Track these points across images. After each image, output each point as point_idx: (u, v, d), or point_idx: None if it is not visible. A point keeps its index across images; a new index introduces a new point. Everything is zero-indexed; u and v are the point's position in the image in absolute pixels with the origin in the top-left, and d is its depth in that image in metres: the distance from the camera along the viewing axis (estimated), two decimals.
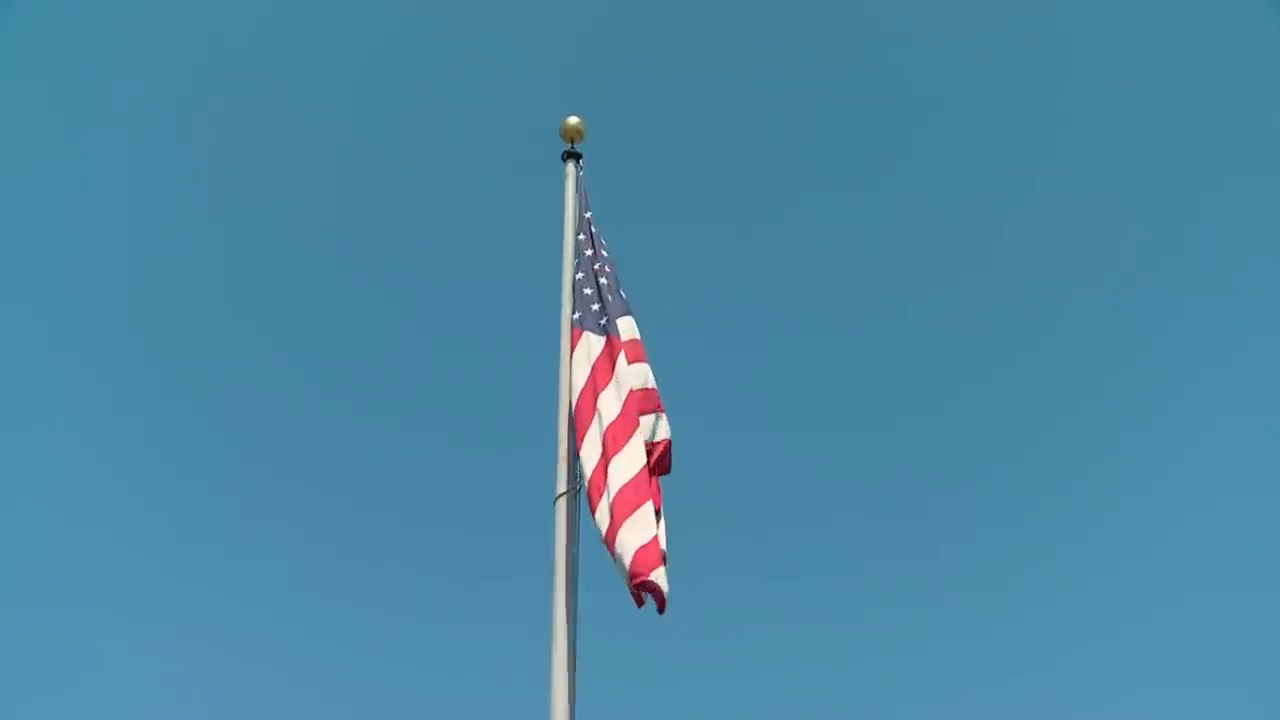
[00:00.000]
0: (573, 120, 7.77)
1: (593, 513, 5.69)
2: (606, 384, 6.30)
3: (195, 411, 18.62)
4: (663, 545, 5.46)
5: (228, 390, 19.04)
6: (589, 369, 6.38)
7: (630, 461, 5.81)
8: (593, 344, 6.53)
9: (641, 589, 5.28)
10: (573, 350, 6.53)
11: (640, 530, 5.44)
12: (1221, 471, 17.62)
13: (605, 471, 5.78)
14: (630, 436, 5.93)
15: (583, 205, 7.44)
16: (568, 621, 5.57)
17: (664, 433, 6.11)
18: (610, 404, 6.15)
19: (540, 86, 20.32)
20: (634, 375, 6.29)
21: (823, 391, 20.36)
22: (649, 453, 5.95)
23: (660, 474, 5.97)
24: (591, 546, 5.81)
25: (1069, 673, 16.19)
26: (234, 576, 17.25)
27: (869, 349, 20.58)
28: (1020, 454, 19.46)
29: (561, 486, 6.05)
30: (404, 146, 20.83)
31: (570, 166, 7.66)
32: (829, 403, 20.24)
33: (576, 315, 6.75)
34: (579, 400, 6.24)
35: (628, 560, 5.31)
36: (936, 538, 18.60)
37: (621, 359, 6.39)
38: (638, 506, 5.56)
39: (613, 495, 5.64)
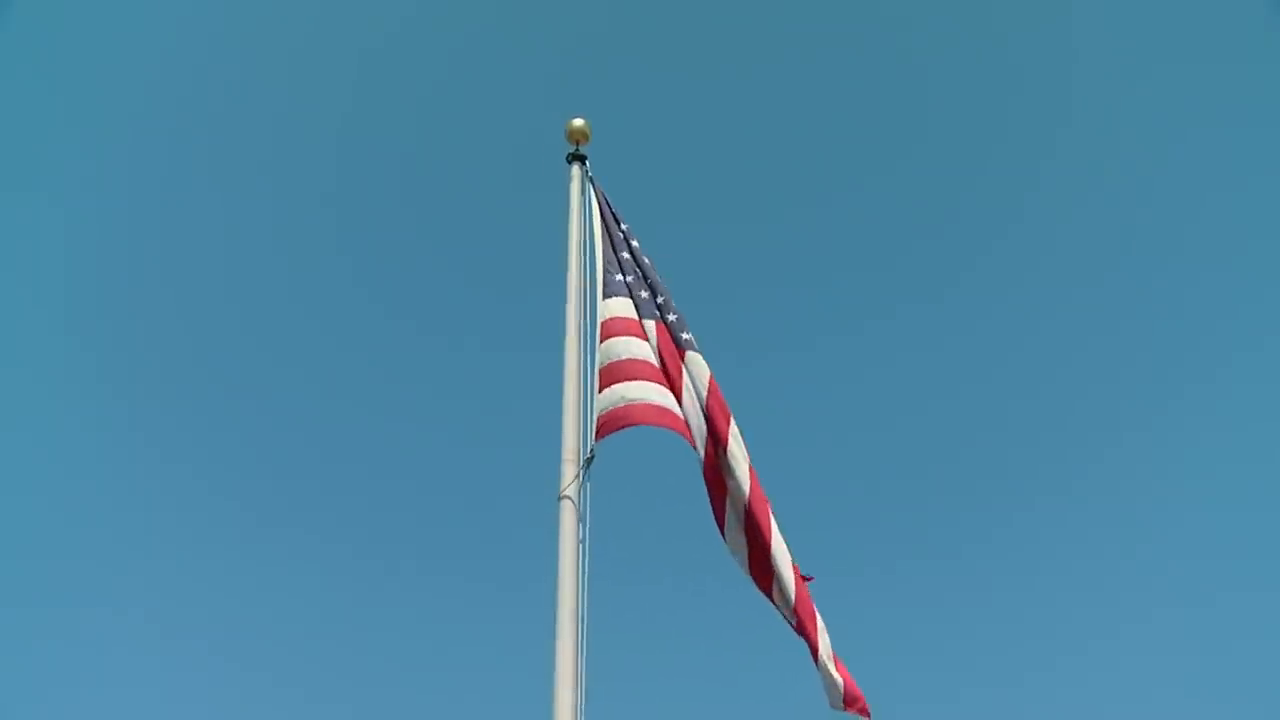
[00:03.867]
0: (578, 122, 7.74)
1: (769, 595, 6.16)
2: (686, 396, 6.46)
3: (197, 411, 18.68)
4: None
5: (230, 390, 19.10)
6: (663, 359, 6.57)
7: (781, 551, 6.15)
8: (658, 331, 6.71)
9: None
10: (658, 341, 6.65)
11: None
12: (1222, 471, 17.67)
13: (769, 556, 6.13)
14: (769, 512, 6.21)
15: (605, 208, 7.43)
16: (572, 620, 5.56)
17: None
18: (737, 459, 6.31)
19: (545, 88, 20.38)
20: (698, 371, 6.52)
21: (824, 392, 20.42)
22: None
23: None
24: (594, 546, 5.85)
25: (1068, 673, 16.24)
26: (236, 576, 17.30)
27: (871, 350, 20.65)
28: (1020, 454, 19.53)
29: (565, 485, 6.04)
30: (409, 148, 20.91)
31: (575, 169, 7.62)
32: (830, 403, 20.30)
33: (615, 299, 6.86)
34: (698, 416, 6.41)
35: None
36: (936, 538, 18.65)
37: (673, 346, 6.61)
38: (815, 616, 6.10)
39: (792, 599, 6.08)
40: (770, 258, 21.33)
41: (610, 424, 6.18)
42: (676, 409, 6.36)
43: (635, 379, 6.38)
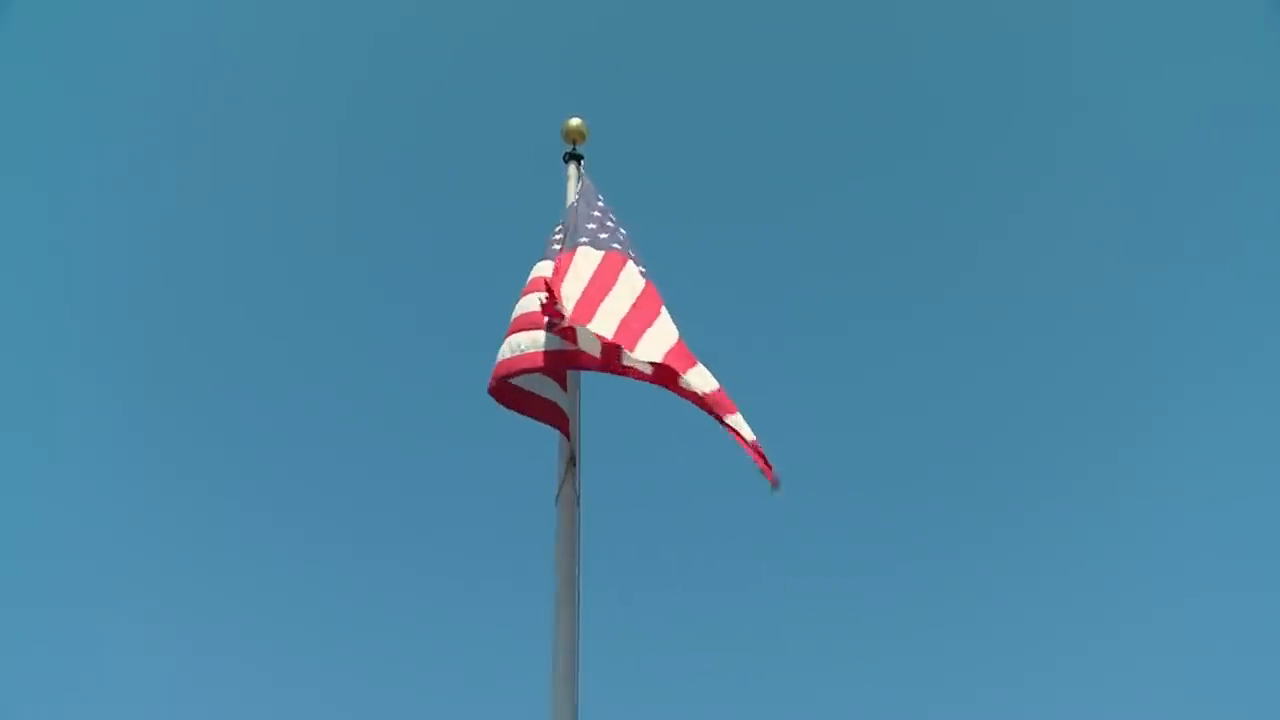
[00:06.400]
0: (574, 121, 7.74)
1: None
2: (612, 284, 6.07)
3: (195, 411, 18.65)
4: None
5: (228, 389, 19.07)
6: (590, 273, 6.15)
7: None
8: (590, 256, 6.32)
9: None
10: (562, 270, 6.13)
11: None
12: (1221, 472, 17.64)
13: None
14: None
15: (588, 190, 7.24)
16: (570, 622, 5.56)
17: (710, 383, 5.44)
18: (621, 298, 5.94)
19: (543, 87, 20.38)
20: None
21: (822, 391, 20.38)
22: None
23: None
24: (593, 546, 5.85)
25: (1068, 673, 16.21)
26: (233, 576, 17.26)
27: (868, 350, 20.61)
28: (1019, 454, 19.47)
29: (563, 484, 6.03)
30: (405, 147, 20.87)
31: (572, 168, 7.63)
32: (828, 403, 20.26)
33: (563, 239, 6.56)
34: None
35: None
36: (936, 538, 18.62)
37: (632, 269, 6.26)
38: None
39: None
40: (768, 258, 21.31)
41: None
42: (535, 347, 6.05)
43: (506, 338, 6.24)
